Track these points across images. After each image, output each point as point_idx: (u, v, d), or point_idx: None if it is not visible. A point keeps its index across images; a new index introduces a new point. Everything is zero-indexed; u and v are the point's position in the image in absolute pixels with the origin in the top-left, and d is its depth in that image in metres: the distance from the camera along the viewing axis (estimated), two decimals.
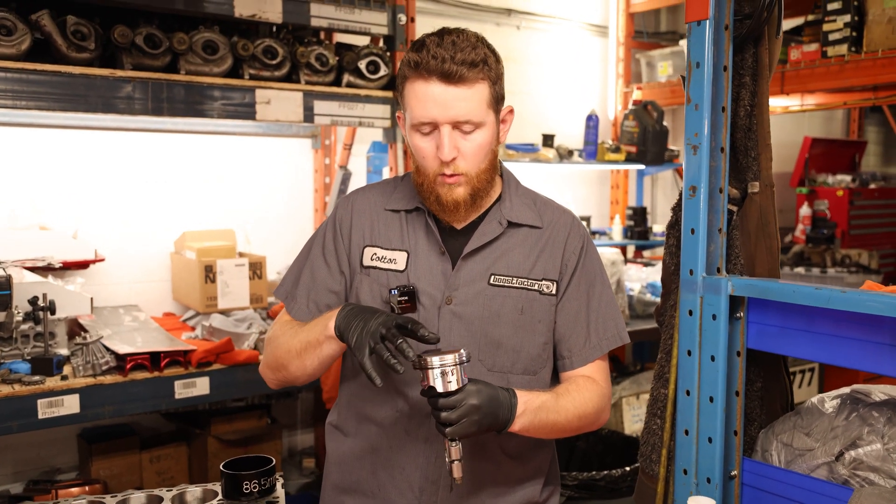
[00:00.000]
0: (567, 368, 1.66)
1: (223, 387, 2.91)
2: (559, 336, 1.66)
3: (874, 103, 4.62)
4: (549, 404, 1.53)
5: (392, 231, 1.67)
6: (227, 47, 2.91)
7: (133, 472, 3.34)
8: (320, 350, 1.55)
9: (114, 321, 3.22)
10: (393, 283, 1.62)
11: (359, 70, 3.22)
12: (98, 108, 2.71)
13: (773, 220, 1.93)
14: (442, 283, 1.62)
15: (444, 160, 1.53)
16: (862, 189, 5.78)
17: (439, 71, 1.49)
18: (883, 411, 1.75)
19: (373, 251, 1.66)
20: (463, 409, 1.39)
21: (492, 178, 1.62)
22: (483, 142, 1.55)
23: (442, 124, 1.51)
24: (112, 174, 3.44)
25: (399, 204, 1.69)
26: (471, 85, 1.51)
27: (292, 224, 3.91)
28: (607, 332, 1.67)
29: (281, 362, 1.64)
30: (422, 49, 1.51)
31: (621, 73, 4.93)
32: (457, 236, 1.65)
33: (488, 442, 1.61)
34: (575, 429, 1.61)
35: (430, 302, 1.61)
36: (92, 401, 2.67)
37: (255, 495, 1.78)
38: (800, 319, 1.75)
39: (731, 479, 1.89)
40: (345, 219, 1.71)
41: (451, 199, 1.56)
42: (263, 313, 3.32)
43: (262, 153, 3.81)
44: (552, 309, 1.65)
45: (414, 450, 1.62)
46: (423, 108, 1.51)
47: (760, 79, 1.90)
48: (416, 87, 1.52)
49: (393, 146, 3.35)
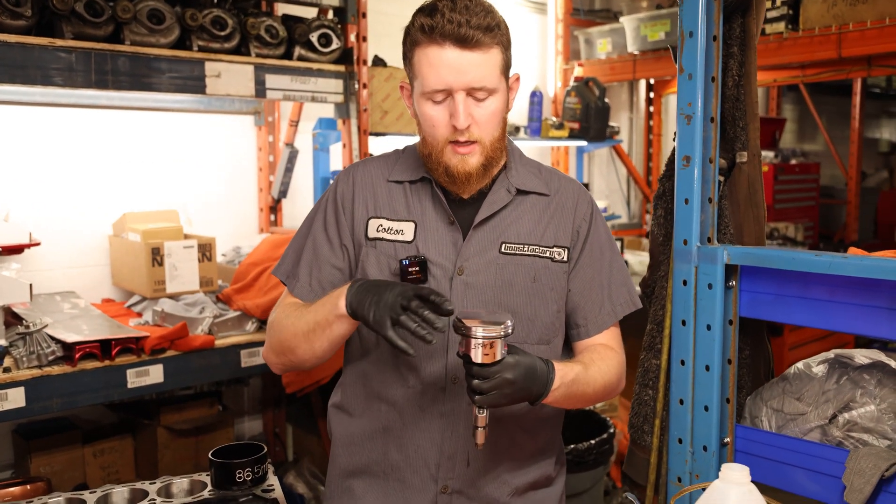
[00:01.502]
0: (582, 337, 1.64)
1: (178, 374, 2.78)
2: (573, 304, 1.63)
3: (803, 81, 4.78)
4: (581, 376, 1.51)
5: (397, 202, 1.61)
6: (173, 17, 2.75)
7: (76, 468, 3.16)
8: (330, 331, 1.48)
9: (51, 309, 3.03)
10: (401, 254, 1.57)
11: (310, 43, 3.10)
12: (36, 80, 2.51)
13: (760, 189, 1.95)
14: (453, 253, 1.57)
15: (459, 127, 1.48)
16: (784, 165, 5.99)
17: (455, 35, 1.43)
18: (873, 373, 1.80)
19: (378, 222, 1.60)
20: (496, 381, 1.35)
21: (503, 146, 1.59)
22: (496, 109, 1.52)
23: (457, 91, 1.47)
24: (43, 153, 3.21)
25: (403, 175, 1.63)
26: (486, 50, 1.47)
27: (235, 204, 3.77)
28: (621, 298, 1.66)
29: (287, 346, 1.56)
30: (434, 13, 1.45)
31: (560, 50, 4.95)
32: (464, 206, 1.61)
33: (506, 416, 1.58)
34: (600, 398, 1.59)
35: (442, 272, 1.56)
36: (38, 393, 2.50)
37: (248, 484, 1.69)
38: (794, 286, 1.77)
39: (724, 447, 1.91)
40: (346, 192, 1.63)
41: (464, 171, 1.52)
42: (213, 297, 3.19)
43: (201, 131, 3.64)
44: (564, 276, 1.62)
45: (430, 426, 1.57)
46: (437, 74, 1.46)
47: (748, 49, 1.91)
48: (430, 53, 1.46)
49: (346, 122, 3.25)
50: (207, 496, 1.66)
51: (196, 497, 1.67)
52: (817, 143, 8.31)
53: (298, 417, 3.81)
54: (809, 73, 4.45)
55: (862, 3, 3.63)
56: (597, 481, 3.23)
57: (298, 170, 3.78)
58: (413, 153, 1.67)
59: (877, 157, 8.93)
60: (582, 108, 4.54)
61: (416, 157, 1.65)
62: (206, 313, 2.98)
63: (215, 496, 1.66)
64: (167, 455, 3.23)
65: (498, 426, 1.58)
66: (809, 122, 7.62)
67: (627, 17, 4.59)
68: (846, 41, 3.72)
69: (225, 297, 3.14)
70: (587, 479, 3.13)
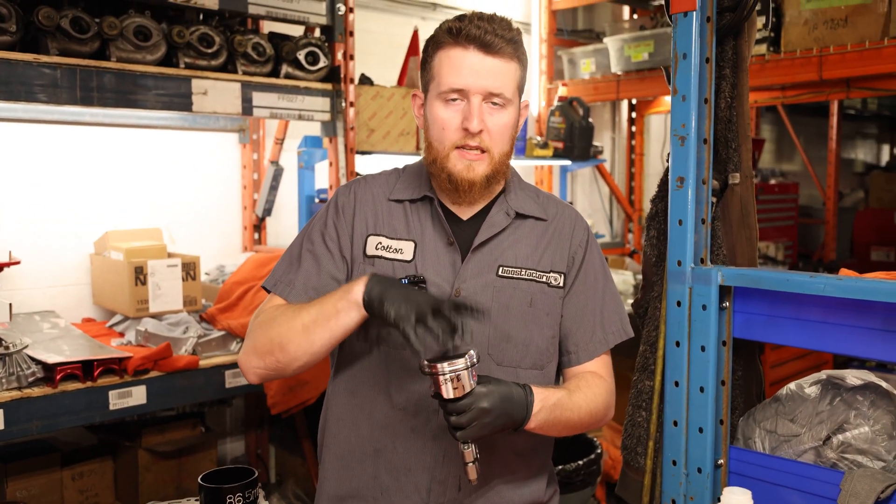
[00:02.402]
0: (573, 364, 1.63)
1: (161, 395, 2.74)
2: (565, 331, 1.63)
3: (783, 102, 4.83)
4: (564, 401, 1.50)
5: (397, 220, 1.60)
6: (160, 34, 2.72)
7: (54, 492, 3.09)
8: (336, 321, 1.43)
9: (31, 329, 2.97)
10: (399, 273, 1.55)
11: (297, 61, 3.09)
12: (20, 96, 2.47)
13: (753, 211, 1.96)
14: (451, 274, 1.56)
15: (472, 130, 1.48)
16: (764, 185, 6.05)
17: (480, 40, 1.47)
18: (866, 395, 1.80)
19: (378, 240, 1.58)
20: (472, 413, 1.34)
21: (508, 164, 1.59)
22: (508, 122, 1.53)
23: (473, 94, 1.48)
24: (24, 170, 3.17)
25: (403, 194, 1.62)
26: (507, 60, 1.50)
27: (219, 223, 3.73)
28: (613, 326, 1.65)
29: (278, 342, 1.48)
30: (463, 19, 1.50)
31: (544, 70, 4.97)
32: (462, 227, 1.60)
33: (497, 440, 1.56)
34: (586, 425, 1.58)
35: (439, 293, 1.55)
36: (18, 416, 2.44)
37: None
38: (788, 308, 1.78)
39: (718, 468, 1.91)
40: (347, 206, 1.62)
41: (468, 178, 1.51)
42: (197, 316, 3.14)
43: (185, 148, 3.61)
44: (559, 302, 1.61)
45: (421, 449, 1.55)
46: (456, 74, 1.48)
47: (740, 71, 1.92)
48: (452, 54, 1.49)
49: (333, 140, 3.23)
50: None
51: None
52: (795, 164, 8.42)
53: (282, 438, 3.76)
54: (790, 94, 4.50)
55: (842, 26, 3.68)
56: (584, 502, 3.20)
57: (283, 188, 3.76)
58: (414, 172, 1.65)
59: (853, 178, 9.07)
60: (566, 127, 4.56)
61: (417, 175, 1.64)
62: (190, 333, 2.94)
63: None
64: (148, 477, 3.17)
65: (490, 450, 1.56)
66: (787, 142, 7.72)
67: (611, 37, 4.62)
68: (827, 63, 3.77)
69: (209, 317, 3.10)
70: (575, 500, 3.11)
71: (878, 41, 3.51)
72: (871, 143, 10.87)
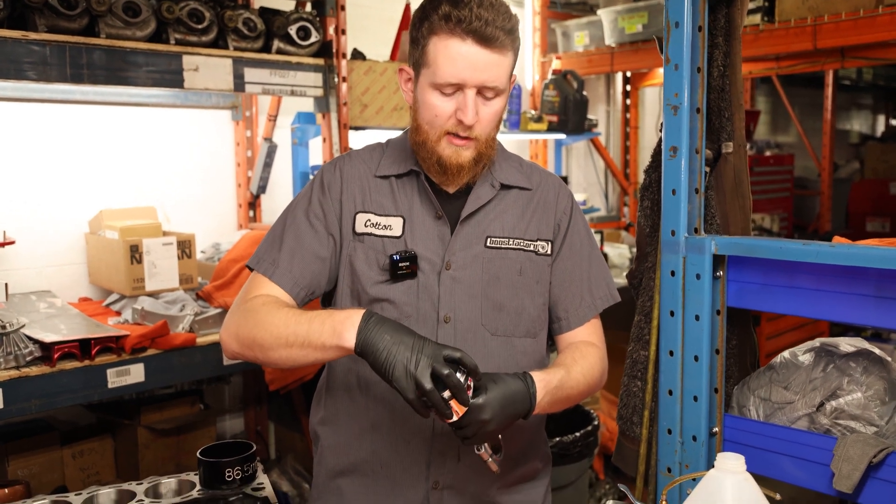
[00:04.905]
0: (563, 330, 1.64)
1: (159, 373, 2.74)
2: (554, 297, 1.64)
3: (778, 72, 4.81)
4: (565, 380, 1.50)
5: (384, 197, 1.60)
6: (149, 10, 2.70)
7: (54, 470, 3.11)
8: (323, 355, 1.40)
9: (27, 308, 2.97)
10: (390, 249, 1.56)
11: (289, 36, 3.06)
12: (9, 74, 2.45)
13: (746, 180, 1.96)
14: (440, 247, 1.57)
15: (467, 123, 1.47)
16: (759, 156, 6.05)
17: (480, 33, 1.42)
18: (859, 361, 1.81)
19: (366, 217, 1.58)
20: (474, 427, 1.33)
21: (494, 144, 1.58)
22: (499, 109, 1.52)
23: (469, 87, 1.46)
24: (17, 149, 3.15)
25: (390, 169, 1.61)
26: (504, 52, 1.47)
27: (214, 200, 3.72)
28: (600, 291, 1.67)
29: (261, 344, 1.45)
30: (461, 6, 1.43)
31: (538, 43, 4.94)
32: (450, 200, 1.60)
33: None
34: (584, 396, 1.59)
35: (430, 267, 1.55)
36: (16, 395, 2.45)
37: (237, 483, 1.68)
38: (781, 276, 1.78)
39: (713, 436, 1.92)
40: (333, 183, 1.61)
41: (456, 163, 1.51)
42: (194, 294, 3.14)
43: (178, 126, 3.59)
44: (548, 269, 1.63)
45: (420, 421, 1.55)
46: (453, 67, 1.45)
47: (733, 39, 1.92)
48: (450, 45, 1.44)
49: (326, 116, 3.22)
50: (197, 496, 1.64)
51: (185, 497, 1.65)
52: (790, 135, 8.40)
53: (280, 415, 3.78)
54: (784, 64, 4.48)
55: None
56: (581, 473, 3.23)
57: (277, 165, 3.74)
58: (398, 146, 1.65)
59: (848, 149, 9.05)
60: (560, 100, 4.54)
61: (401, 149, 1.63)
62: (187, 311, 2.94)
63: (205, 496, 1.64)
64: (148, 455, 3.19)
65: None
66: (782, 113, 7.70)
67: (604, 9, 4.59)
68: (821, 33, 3.76)
69: (205, 295, 3.10)
70: (572, 471, 3.14)
71: (873, 9, 3.50)
72: (866, 114, 10.85)
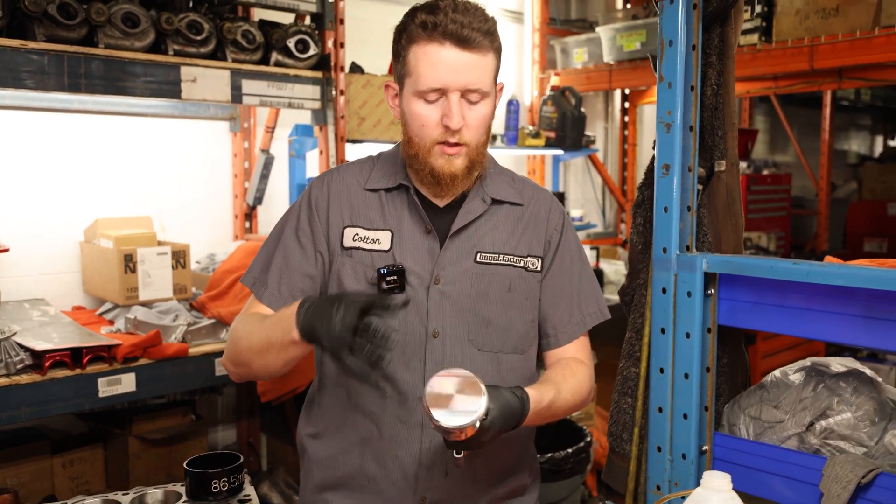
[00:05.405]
0: (552, 346, 1.64)
1: (150, 383, 2.73)
2: (544, 314, 1.64)
3: (775, 92, 4.83)
4: (556, 399, 1.50)
5: (373, 211, 1.60)
6: (148, 21, 2.71)
7: (44, 479, 3.09)
8: (286, 353, 1.43)
9: (20, 316, 2.96)
10: (378, 263, 1.56)
11: (287, 49, 3.08)
12: (7, 82, 2.46)
13: (739, 199, 1.96)
14: (429, 262, 1.56)
15: (453, 128, 1.47)
16: (756, 175, 6.06)
17: (457, 35, 1.43)
18: (849, 381, 1.81)
19: (354, 231, 1.58)
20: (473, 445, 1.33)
21: (486, 152, 1.58)
22: (486, 113, 1.52)
23: (452, 91, 1.46)
24: (13, 158, 3.15)
25: (379, 183, 1.61)
26: (484, 53, 1.47)
27: (210, 211, 3.72)
28: (590, 308, 1.67)
29: (242, 359, 1.52)
30: (436, 12, 1.44)
31: (537, 59, 4.96)
32: (440, 215, 1.60)
33: None
34: (571, 411, 1.59)
35: (419, 282, 1.55)
36: (7, 403, 2.44)
37: (223, 494, 1.67)
38: (772, 294, 1.79)
39: (703, 455, 1.92)
40: (321, 199, 1.61)
41: (449, 172, 1.51)
42: (187, 304, 3.14)
43: (176, 136, 3.60)
44: (537, 286, 1.63)
45: (408, 436, 1.55)
46: (435, 73, 1.45)
47: (727, 58, 1.93)
48: (429, 51, 1.45)
49: (323, 129, 3.23)
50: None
51: None
52: (788, 155, 8.43)
53: (273, 426, 3.77)
54: (782, 84, 4.51)
55: (833, 16, 3.68)
56: (573, 490, 3.22)
57: (274, 176, 3.75)
58: (389, 160, 1.65)
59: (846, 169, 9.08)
60: (558, 117, 4.56)
61: (392, 163, 1.64)
62: (180, 321, 2.94)
63: None
64: (139, 465, 3.17)
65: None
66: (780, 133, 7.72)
67: (603, 27, 4.61)
68: (818, 53, 3.77)
69: (199, 305, 3.10)
70: (564, 487, 3.12)
71: (869, 31, 3.52)
72: (864, 135, 10.88)
